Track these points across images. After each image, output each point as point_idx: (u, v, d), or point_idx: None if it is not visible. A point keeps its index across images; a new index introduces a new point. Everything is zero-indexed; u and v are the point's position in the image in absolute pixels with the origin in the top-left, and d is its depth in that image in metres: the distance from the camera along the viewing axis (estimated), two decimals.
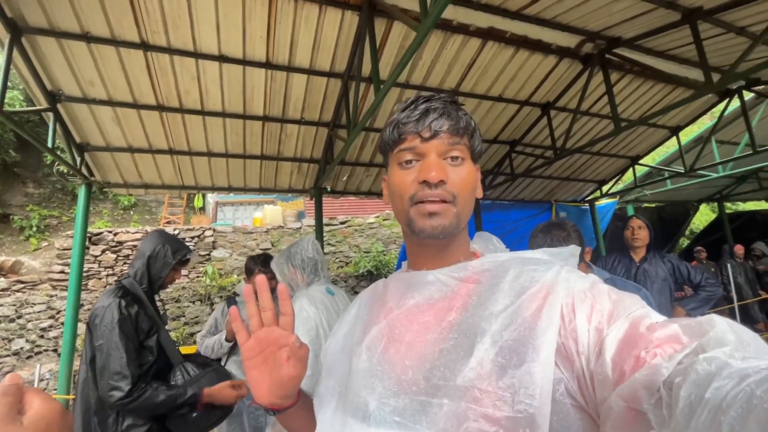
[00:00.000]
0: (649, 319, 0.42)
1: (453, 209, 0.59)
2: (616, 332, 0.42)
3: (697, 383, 0.32)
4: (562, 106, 3.88)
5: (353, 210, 10.67)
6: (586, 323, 0.45)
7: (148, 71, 2.75)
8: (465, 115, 0.62)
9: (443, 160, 0.59)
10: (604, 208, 5.97)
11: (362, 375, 0.56)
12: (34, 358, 5.50)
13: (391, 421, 0.50)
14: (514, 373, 0.45)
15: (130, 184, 3.80)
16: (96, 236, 6.51)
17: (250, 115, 3.32)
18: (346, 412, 0.57)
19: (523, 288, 0.52)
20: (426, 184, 0.58)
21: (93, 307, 1.60)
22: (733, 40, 2.95)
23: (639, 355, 0.39)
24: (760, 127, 4.62)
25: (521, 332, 0.47)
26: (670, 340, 0.39)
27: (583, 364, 0.44)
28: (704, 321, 0.38)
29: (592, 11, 2.68)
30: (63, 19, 2.33)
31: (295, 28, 2.62)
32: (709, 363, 0.33)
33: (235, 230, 7.72)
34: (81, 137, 3.20)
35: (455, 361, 0.49)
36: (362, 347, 0.59)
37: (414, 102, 0.63)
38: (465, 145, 0.61)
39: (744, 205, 11.25)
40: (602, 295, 0.48)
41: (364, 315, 0.67)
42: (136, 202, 11.16)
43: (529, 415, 0.43)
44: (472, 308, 0.53)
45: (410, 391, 0.51)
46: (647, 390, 0.36)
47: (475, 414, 0.45)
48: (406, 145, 0.61)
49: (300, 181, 4.35)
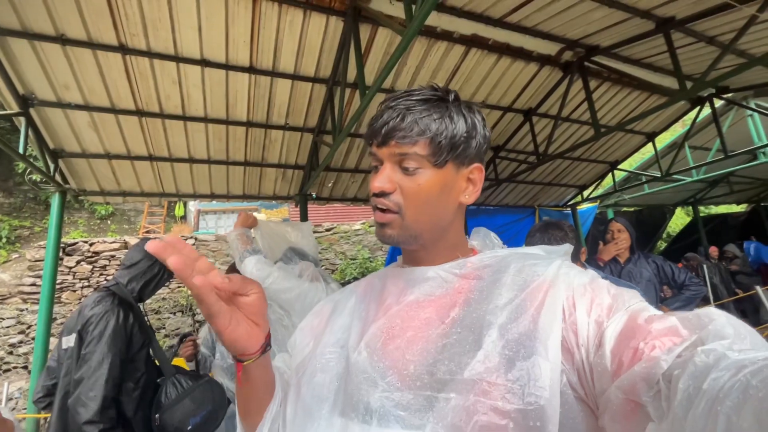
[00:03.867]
0: (648, 312, 0.43)
1: (399, 220, 0.57)
2: (615, 325, 0.43)
3: (695, 375, 0.33)
4: (543, 112, 3.97)
5: (339, 217, 10.62)
6: (586, 316, 0.46)
7: (127, 75, 2.68)
8: (429, 116, 0.56)
9: (397, 167, 0.57)
10: (585, 213, 6.10)
11: (362, 371, 0.55)
12: (2, 375, 5.20)
13: (395, 416, 0.49)
14: (523, 366, 0.45)
15: (108, 192, 3.67)
16: (70, 247, 6.27)
17: (234, 121, 3.27)
18: (346, 410, 0.54)
19: (526, 282, 0.52)
20: (372, 193, 0.58)
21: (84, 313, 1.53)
22: (704, 49, 3.08)
23: (637, 346, 0.39)
24: (730, 133, 4.82)
25: (527, 325, 0.47)
26: (668, 333, 0.39)
27: (583, 356, 0.44)
28: (703, 314, 0.39)
29: (571, 20, 2.75)
30: (36, 21, 2.26)
31: (279, 32, 2.60)
32: (707, 355, 0.34)
33: (217, 239, 7.56)
34: (55, 143, 3.08)
35: (461, 354, 0.49)
36: (361, 344, 0.58)
37: (389, 98, 0.60)
38: (417, 154, 0.55)
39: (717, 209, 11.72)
40: (601, 289, 0.49)
41: (361, 311, 0.65)
42: (113, 211, 10.82)
43: (540, 407, 0.42)
44: (475, 303, 0.53)
45: (414, 386, 0.50)
46: (646, 382, 0.37)
47: (484, 407, 0.44)
48: (371, 150, 0.61)
49: (285, 188, 4.29)
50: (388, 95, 0.61)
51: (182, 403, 1.56)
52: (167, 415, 1.51)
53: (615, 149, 5.10)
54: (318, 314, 0.73)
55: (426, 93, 0.58)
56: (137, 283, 1.67)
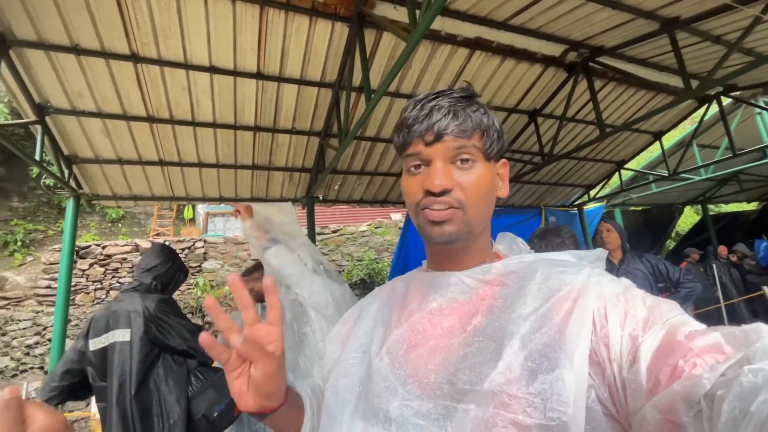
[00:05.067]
0: (688, 327, 0.40)
1: (461, 215, 0.56)
2: (652, 340, 0.41)
3: (741, 396, 0.31)
4: (548, 112, 3.97)
5: (345, 218, 10.67)
6: (620, 329, 0.44)
7: (138, 83, 2.75)
8: (476, 111, 0.58)
9: (451, 164, 0.57)
10: (592, 212, 6.07)
11: (383, 378, 0.55)
12: (20, 376, 5.34)
13: (414, 424, 0.49)
14: (546, 379, 0.43)
15: (120, 196, 3.76)
16: (84, 250, 6.40)
17: (241, 126, 3.33)
18: (366, 415, 0.55)
19: (552, 290, 0.50)
20: (430, 193, 0.56)
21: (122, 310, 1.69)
22: (710, 48, 3.07)
23: (676, 364, 0.37)
24: (738, 131, 4.78)
25: (551, 336, 0.46)
26: (711, 350, 0.37)
27: (615, 372, 0.42)
28: (750, 330, 0.36)
29: (575, 21, 2.76)
30: (52, 32, 2.33)
31: (285, 39, 2.65)
32: (756, 375, 0.31)
33: (226, 241, 7.65)
34: (69, 149, 3.17)
35: (481, 364, 0.47)
36: (383, 350, 0.58)
37: (422, 100, 0.60)
38: (474, 146, 0.57)
39: (726, 207, 11.55)
40: (636, 299, 0.47)
41: (384, 315, 0.65)
42: (124, 214, 11.00)
43: (562, 423, 0.41)
44: (498, 311, 0.51)
45: (434, 395, 0.49)
46: (686, 402, 0.35)
47: (504, 420, 0.43)
48: (412, 150, 0.59)
49: (292, 191, 4.35)
50: (417, 98, 0.61)
51: (206, 392, 1.68)
52: (194, 404, 1.65)
53: (621, 149, 5.08)
54: (346, 322, 0.73)
55: (459, 92, 0.60)
56: (159, 284, 1.77)
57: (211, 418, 1.65)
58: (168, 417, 1.60)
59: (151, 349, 1.67)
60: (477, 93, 0.62)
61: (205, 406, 1.66)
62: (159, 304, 1.70)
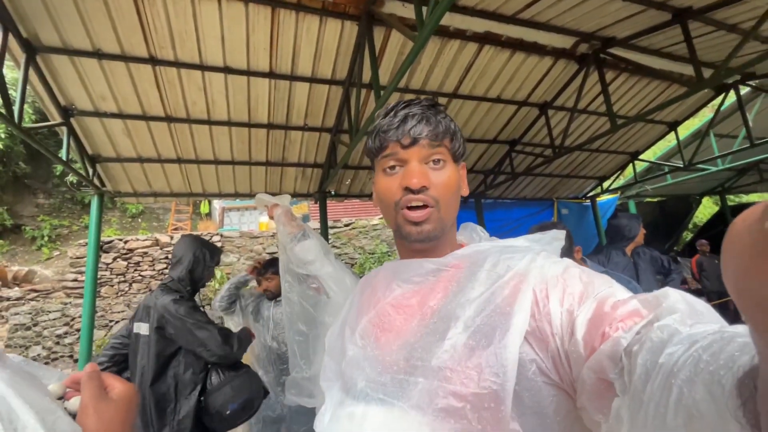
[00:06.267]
0: (614, 298, 0.45)
1: (436, 213, 0.62)
2: (585, 312, 0.45)
3: (651, 350, 0.35)
4: (559, 105, 3.95)
5: (357, 212, 10.77)
6: (559, 306, 0.48)
7: (157, 84, 2.86)
8: (444, 119, 0.64)
9: (425, 165, 0.62)
10: (605, 204, 6.01)
11: (355, 359, 0.61)
12: (51, 364, 5.63)
13: (376, 399, 0.55)
14: (481, 354, 0.49)
15: (140, 193, 3.91)
16: (107, 244, 6.65)
17: (255, 123, 3.42)
18: (343, 391, 0.62)
19: (499, 276, 0.55)
20: (409, 190, 0.61)
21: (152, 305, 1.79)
22: (725, 37, 3.00)
23: (604, 331, 0.42)
24: (757, 120, 4.64)
25: (492, 317, 0.51)
26: (631, 315, 0.41)
27: (558, 345, 0.46)
28: (659, 294, 0.41)
29: (585, 13, 2.74)
30: (75, 38, 2.44)
31: (296, 39, 2.71)
32: (662, 331, 0.36)
33: (241, 235, 7.84)
34: (93, 149, 3.31)
35: (432, 343, 0.53)
36: (356, 335, 0.64)
37: (393, 108, 0.65)
38: (445, 148, 0.63)
39: (747, 197, 11.22)
40: (573, 278, 0.51)
41: (356, 302, 0.72)
42: (143, 209, 11.33)
43: (493, 391, 0.46)
44: (452, 295, 0.57)
45: (392, 371, 0.55)
46: (611, 360, 0.39)
47: (444, 391, 0.49)
48: (388, 152, 0.64)
49: (304, 186, 4.44)
50: (388, 107, 0.67)
51: (223, 389, 1.75)
52: (210, 399, 1.71)
53: (635, 139, 5.00)
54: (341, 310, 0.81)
55: (426, 102, 0.66)
56: (188, 276, 1.87)
57: (224, 414, 1.73)
58: (180, 410, 1.71)
59: (166, 344, 1.76)
60: (439, 104, 0.69)
61: (220, 403, 1.74)
62: (171, 303, 1.76)
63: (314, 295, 1.77)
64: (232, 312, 2.71)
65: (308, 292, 1.79)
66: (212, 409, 1.70)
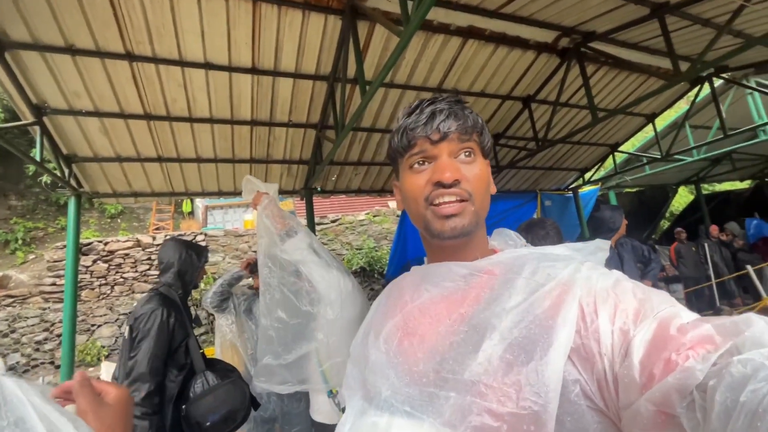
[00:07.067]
0: (680, 319, 0.40)
1: (471, 207, 0.58)
2: (644, 333, 0.41)
3: (732, 386, 0.31)
4: (542, 98, 4.00)
5: (343, 208, 10.73)
6: (610, 324, 0.44)
7: (134, 81, 2.77)
8: (471, 113, 0.63)
9: (455, 160, 0.60)
10: (587, 195, 6.14)
11: (379, 366, 0.58)
12: (31, 371, 5.46)
13: (402, 411, 0.51)
14: (521, 370, 0.45)
15: (120, 193, 3.80)
16: (86, 246, 6.45)
17: (238, 120, 3.35)
18: (366, 400, 0.59)
19: (538, 285, 0.51)
20: (440, 185, 0.58)
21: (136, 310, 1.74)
22: (701, 31, 3.09)
23: (669, 357, 0.37)
24: (730, 112, 4.82)
25: (532, 330, 0.47)
26: (703, 341, 0.37)
27: (606, 366, 0.42)
28: (740, 320, 0.36)
29: (566, 8, 2.78)
30: (47, 33, 2.34)
31: (279, 33, 2.66)
32: (744, 365, 0.32)
33: (226, 233, 7.71)
34: (68, 149, 3.19)
35: (464, 355, 0.49)
36: (380, 340, 0.61)
37: (419, 106, 0.63)
38: (475, 142, 0.61)
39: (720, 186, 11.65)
40: (627, 293, 0.46)
41: (383, 306, 0.70)
42: (123, 210, 11.02)
43: (534, 413, 0.42)
44: (485, 302, 0.53)
45: (420, 383, 0.52)
46: (679, 393, 0.35)
47: (479, 408, 0.45)
48: (417, 150, 0.61)
49: (290, 183, 4.39)
50: (412, 105, 0.65)
51: (205, 399, 1.69)
52: (192, 408, 1.66)
53: (615, 131, 5.12)
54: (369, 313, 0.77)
55: (451, 97, 0.64)
56: (178, 279, 1.83)
57: (203, 426, 1.66)
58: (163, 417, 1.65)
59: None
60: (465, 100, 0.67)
61: (201, 413, 1.67)
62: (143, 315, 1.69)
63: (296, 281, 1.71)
64: (224, 310, 2.69)
65: (290, 278, 1.71)
66: (193, 419, 1.64)
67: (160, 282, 1.88)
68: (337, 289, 1.59)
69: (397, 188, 0.69)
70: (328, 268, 1.64)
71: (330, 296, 1.58)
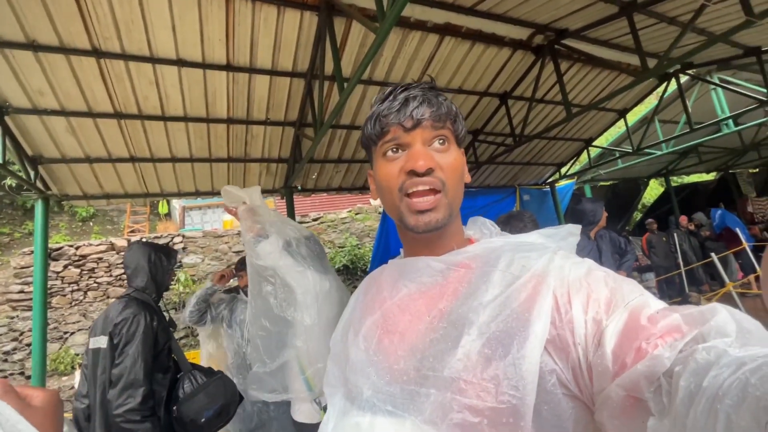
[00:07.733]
0: (649, 309, 0.42)
1: (444, 200, 0.57)
2: (616, 323, 0.42)
3: (696, 372, 0.33)
4: (518, 95, 4.07)
5: (325, 206, 10.67)
6: (583, 314, 0.45)
7: (103, 78, 2.66)
8: (446, 101, 0.61)
9: (428, 148, 0.58)
10: (563, 189, 6.31)
11: (359, 365, 0.57)
12: None
13: (384, 410, 0.51)
14: (499, 365, 0.45)
15: (91, 196, 3.66)
16: (56, 251, 6.18)
17: (214, 118, 3.28)
18: (348, 399, 0.58)
19: (514, 277, 0.51)
20: (413, 174, 0.56)
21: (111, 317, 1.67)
22: (667, 29, 3.21)
23: (640, 346, 0.39)
24: (695, 107, 5.03)
25: (509, 323, 0.47)
26: (671, 331, 0.39)
27: (580, 355, 0.43)
28: (706, 310, 0.38)
29: (539, 5, 2.83)
30: (5, 28, 2.22)
31: (254, 29, 2.61)
32: (708, 352, 0.33)
33: (205, 235, 7.54)
34: (33, 150, 3.05)
35: (443, 351, 0.50)
36: (359, 337, 0.60)
37: (392, 92, 0.61)
38: (449, 130, 0.60)
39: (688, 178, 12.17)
40: (598, 282, 0.47)
41: (361, 302, 0.69)
42: (95, 212, 10.62)
43: (512, 406, 0.43)
44: (463, 297, 0.53)
45: (401, 381, 0.52)
46: (648, 379, 0.37)
47: (459, 405, 0.45)
48: (390, 137, 0.59)
49: (270, 181, 4.33)
50: (386, 91, 0.63)
51: (197, 397, 1.70)
52: (184, 408, 1.66)
53: (589, 127, 5.27)
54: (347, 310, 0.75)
55: (426, 84, 0.63)
56: (151, 283, 1.79)
57: (198, 422, 1.67)
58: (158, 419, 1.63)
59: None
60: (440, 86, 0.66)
61: (194, 411, 1.68)
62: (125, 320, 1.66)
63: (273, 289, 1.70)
64: (203, 324, 2.68)
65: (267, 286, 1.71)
66: (186, 418, 1.64)
67: (131, 287, 1.83)
68: (312, 293, 1.58)
69: (372, 177, 0.68)
70: (302, 270, 1.63)
71: (306, 301, 1.57)
